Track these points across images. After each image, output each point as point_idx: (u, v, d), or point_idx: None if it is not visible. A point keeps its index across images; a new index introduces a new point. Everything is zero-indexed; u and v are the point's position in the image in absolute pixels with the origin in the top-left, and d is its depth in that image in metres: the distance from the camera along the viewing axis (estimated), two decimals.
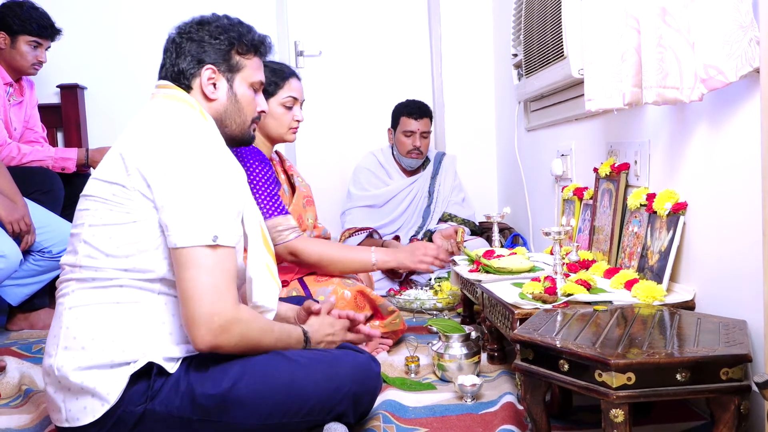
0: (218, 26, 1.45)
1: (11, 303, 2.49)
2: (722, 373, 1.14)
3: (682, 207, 1.58)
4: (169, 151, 1.28)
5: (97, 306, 1.27)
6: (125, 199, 1.28)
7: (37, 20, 2.70)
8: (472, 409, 1.55)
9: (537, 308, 1.55)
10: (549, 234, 1.65)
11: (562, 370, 1.21)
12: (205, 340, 1.22)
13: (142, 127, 1.35)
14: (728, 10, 1.26)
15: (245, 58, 1.48)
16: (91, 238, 1.29)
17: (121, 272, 1.27)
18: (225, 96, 1.46)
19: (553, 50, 2.23)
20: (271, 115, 2.05)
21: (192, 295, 1.22)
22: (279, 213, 1.96)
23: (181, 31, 1.46)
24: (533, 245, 2.85)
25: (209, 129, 1.38)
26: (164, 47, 1.47)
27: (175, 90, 1.43)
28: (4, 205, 2.31)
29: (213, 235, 1.24)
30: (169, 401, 1.25)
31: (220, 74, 1.45)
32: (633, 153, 1.87)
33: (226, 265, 1.26)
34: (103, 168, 1.34)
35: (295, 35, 3.63)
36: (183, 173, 1.26)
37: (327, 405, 1.32)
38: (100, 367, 1.24)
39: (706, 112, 1.50)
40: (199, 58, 1.43)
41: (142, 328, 1.27)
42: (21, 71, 2.76)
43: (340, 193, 3.38)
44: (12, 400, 1.73)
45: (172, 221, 1.24)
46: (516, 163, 2.99)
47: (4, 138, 2.66)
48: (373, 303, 2.04)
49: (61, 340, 1.27)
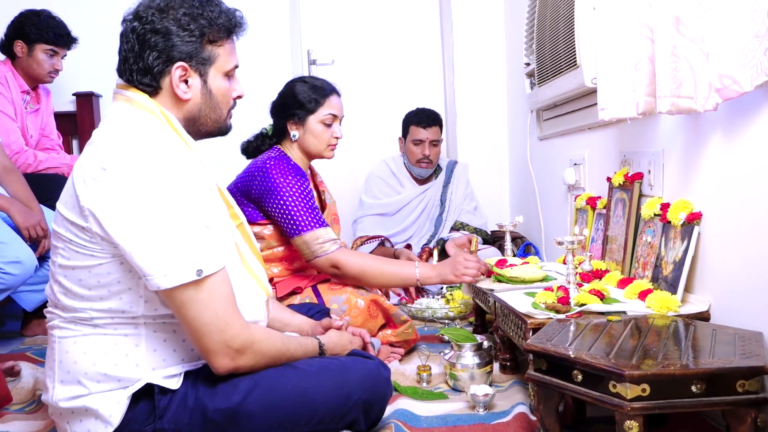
0: (186, 13, 1.27)
1: (26, 308, 2.51)
2: (738, 386, 1.12)
3: (697, 217, 1.57)
4: (120, 187, 1.16)
5: (85, 339, 1.24)
6: (87, 241, 1.19)
7: (54, 29, 2.74)
8: (485, 419, 1.54)
9: (550, 318, 1.54)
10: (562, 243, 1.65)
11: (576, 381, 1.20)
12: (225, 366, 1.22)
13: (93, 152, 1.22)
14: (743, 19, 1.25)
15: (218, 46, 1.32)
16: (63, 279, 1.24)
17: (100, 313, 1.23)
18: (199, 94, 1.32)
19: (566, 59, 2.23)
20: (311, 132, 2.05)
21: (201, 332, 1.19)
22: (319, 225, 1.96)
23: (141, 18, 1.26)
24: (545, 254, 2.84)
25: (169, 140, 1.25)
26: (122, 34, 1.29)
27: (132, 92, 1.29)
28: (21, 211, 2.33)
29: (196, 269, 1.16)
30: (177, 418, 1.23)
31: (192, 70, 1.29)
32: (647, 162, 1.86)
33: (222, 291, 1.20)
34: (63, 200, 1.24)
35: (309, 44, 3.65)
36: (143, 211, 1.15)
37: (338, 413, 1.32)
38: (98, 392, 1.23)
39: (721, 121, 1.49)
40: (168, 55, 1.26)
41: (134, 357, 1.24)
42: (38, 79, 2.79)
43: (352, 201, 3.38)
44: (26, 405, 1.73)
45: (145, 265, 1.15)
46: (528, 172, 2.98)
47: (21, 145, 2.69)
48: (387, 312, 2.04)
49: (56, 374, 1.26)
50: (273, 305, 1.58)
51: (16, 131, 2.69)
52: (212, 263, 1.19)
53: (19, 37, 2.73)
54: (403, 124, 3.18)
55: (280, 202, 1.95)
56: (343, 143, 3.63)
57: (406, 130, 3.16)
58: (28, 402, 1.75)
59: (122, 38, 1.30)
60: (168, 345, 1.26)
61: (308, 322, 1.65)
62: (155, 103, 1.29)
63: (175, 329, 1.27)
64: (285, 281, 2.07)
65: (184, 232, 1.16)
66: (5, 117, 2.65)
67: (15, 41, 2.73)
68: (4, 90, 2.68)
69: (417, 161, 3.11)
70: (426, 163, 3.11)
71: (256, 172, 2.01)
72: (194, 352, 1.28)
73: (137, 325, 1.24)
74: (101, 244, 1.19)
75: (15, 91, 2.73)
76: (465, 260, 2.01)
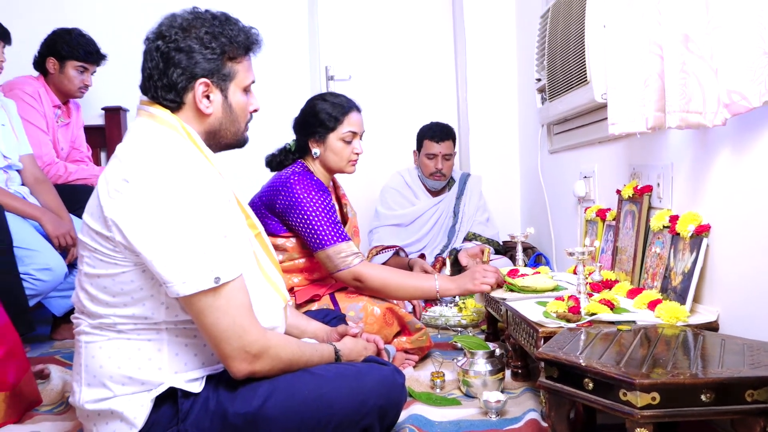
0: (207, 32, 1.29)
1: (56, 313, 2.53)
2: (747, 395, 1.11)
3: (706, 229, 1.55)
4: (142, 198, 1.17)
5: (110, 343, 1.25)
6: (111, 250, 1.21)
7: (84, 46, 2.77)
8: (497, 425, 1.53)
9: (561, 327, 1.52)
10: (573, 254, 1.63)
11: (587, 389, 1.19)
12: (243, 370, 1.23)
13: (116, 166, 1.23)
14: (751, 37, 1.24)
15: (237, 62, 1.34)
16: (89, 287, 1.26)
17: (124, 319, 1.24)
18: (220, 108, 1.34)
19: (577, 75, 2.22)
20: (331, 149, 2.06)
21: (219, 338, 1.20)
22: (342, 240, 1.96)
23: (165, 37, 1.29)
24: (556, 265, 2.82)
25: (189, 154, 1.26)
26: (145, 52, 1.31)
27: (155, 108, 1.30)
28: (52, 220, 2.36)
29: (214, 277, 1.17)
30: (199, 422, 1.24)
31: (214, 86, 1.32)
32: (656, 175, 1.85)
33: (239, 298, 1.21)
34: (88, 211, 1.26)
35: (327, 60, 3.67)
36: (163, 221, 1.16)
37: (354, 418, 1.31)
38: (123, 395, 1.24)
39: (729, 136, 1.47)
40: (191, 71, 1.28)
41: (157, 361, 1.25)
42: (69, 94, 2.83)
43: (368, 211, 3.38)
44: (55, 406, 1.75)
45: (165, 273, 1.16)
46: (539, 185, 2.97)
47: (52, 157, 2.72)
48: (402, 320, 2.03)
49: (83, 377, 1.27)
50: (290, 312, 1.58)
51: (48, 144, 2.72)
52: (229, 271, 1.20)
53: (52, 55, 2.77)
54: (418, 138, 3.19)
55: (303, 217, 1.96)
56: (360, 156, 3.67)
57: (420, 144, 3.16)
58: (57, 403, 1.77)
59: (146, 56, 1.32)
60: (189, 349, 1.27)
61: (323, 329, 1.65)
62: (177, 119, 1.30)
63: (195, 334, 1.27)
64: (304, 289, 2.07)
65: (202, 242, 1.17)
66: (37, 130, 2.69)
67: (48, 58, 2.77)
68: (36, 104, 2.72)
69: (430, 174, 3.11)
70: (439, 176, 3.11)
71: (280, 186, 2.01)
72: (215, 357, 1.28)
73: (159, 330, 1.25)
74: (124, 253, 1.20)
75: (47, 105, 2.77)
76: (483, 270, 2.01)
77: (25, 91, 2.70)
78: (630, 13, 1.60)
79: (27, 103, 2.69)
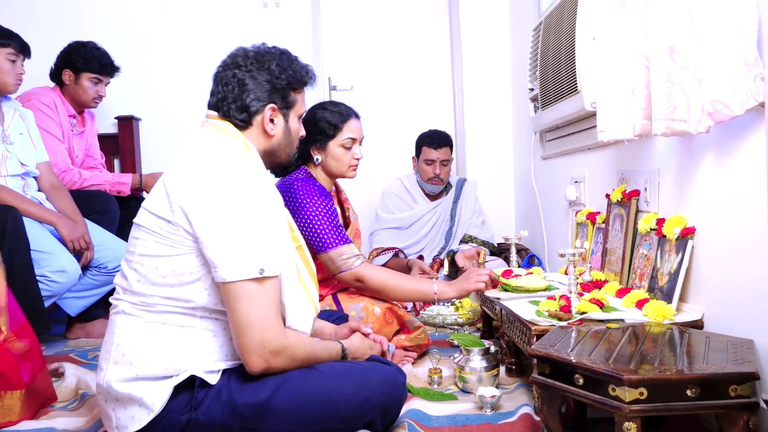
0: (279, 65, 1.42)
1: (70, 313, 2.53)
2: (731, 390, 1.11)
3: (691, 231, 1.55)
4: (209, 189, 1.26)
5: (145, 326, 1.28)
6: (170, 233, 1.27)
7: (99, 59, 2.78)
8: (492, 419, 1.53)
9: (553, 325, 1.52)
10: (564, 255, 1.64)
11: (578, 384, 1.19)
12: (259, 365, 1.25)
13: (187, 161, 1.32)
14: (734, 48, 1.25)
15: (297, 93, 1.48)
16: (140, 267, 1.30)
17: (166, 300, 1.28)
18: (281, 131, 1.46)
19: (567, 85, 2.23)
20: (332, 156, 2.05)
21: (244, 326, 1.23)
22: (343, 242, 1.95)
23: (240, 65, 1.41)
24: (548, 266, 2.82)
25: (252, 161, 1.36)
26: (219, 76, 1.43)
27: (223, 122, 1.41)
28: (67, 224, 2.36)
29: (259, 268, 1.23)
30: (211, 411, 1.25)
31: (279, 112, 1.44)
32: (643, 180, 1.85)
33: (273, 295, 1.26)
34: (151, 199, 1.33)
35: (329, 71, 3.68)
36: (224, 211, 1.24)
37: (357, 414, 1.32)
38: (145, 379, 1.25)
39: (713, 143, 1.48)
40: (263, 98, 1.41)
41: (186, 347, 1.27)
42: (83, 104, 2.84)
43: (368, 215, 3.38)
44: (69, 403, 1.75)
45: (218, 258, 1.23)
46: (532, 189, 2.97)
47: (67, 164, 2.73)
48: (401, 319, 2.03)
49: (112, 355, 1.28)
50: None
51: (63, 152, 2.73)
52: (273, 267, 1.26)
53: (67, 67, 2.77)
54: (416, 145, 3.20)
55: (306, 221, 1.96)
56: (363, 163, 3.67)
57: (419, 150, 3.17)
58: (71, 400, 1.77)
59: (219, 80, 1.42)
60: (216, 341, 1.30)
61: (329, 325, 1.67)
62: (240, 134, 1.41)
63: (225, 327, 1.30)
64: None
65: (255, 236, 1.25)
66: (53, 139, 2.69)
67: (63, 70, 2.78)
68: (53, 114, 2.73)
69: (429, 179, 3.12)
70: (437, 181, 3.12)
71: (283, 192, 2.01)
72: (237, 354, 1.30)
73: (194, 316, 1.28)
74: (183, 237, 1.26)
75: (63, 114, 2.77)
76: (476, 271, 2.02)
77: (42, 102, 2.71)
78: (618, 26, 1.61)
79: (43, 113, 2.69)
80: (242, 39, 3.55)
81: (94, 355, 2.24)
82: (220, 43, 3.46)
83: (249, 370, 1.25)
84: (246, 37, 3.48)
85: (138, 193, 2.86)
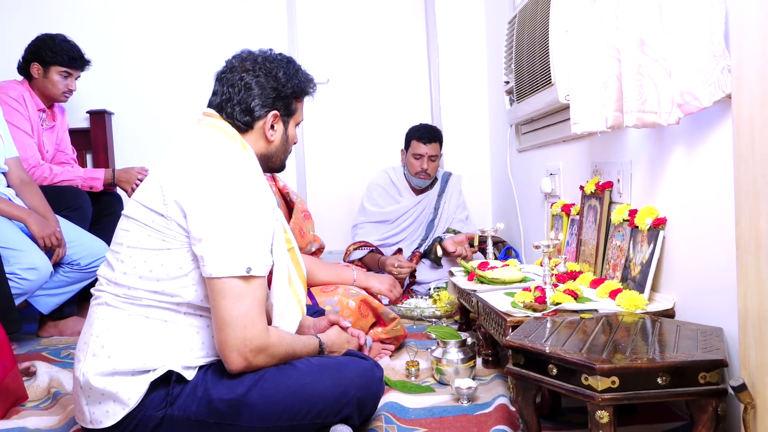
0: (285, 73, 1.44)
1: (42, 311, 2.49)
2: (700, 377, 1.13)
3: (662, 222, 1.58)
4: (205, 184, 1.26)
5: (128, 319, 1.27)
6: (163, 227, 1.27)
7: (68, 52, 2.72)
8: (468, 410, 1.54)
9: (528, 316, 1.54)
10: (539, 247, 1.65)
11: (551, 374, 1.20)
12: (238, 364, 1.24)
13: (183, 156, 1.32)
14: (702, 40, 1.26)
15: (299, 102, 1.50)
16: (128, 259, 1.29)
17: (151, 293, 1.27)
18: (280, 138, 1.47)
19: (542, 78, 2.24)
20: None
21: (227, 323, 1.22)
22: None
23: (248, 69, 1.43)
24: (525, 257, 2.85)
25: (248, 160, 1.36)
26: (224, 77, 1.44)
27: (222, 122, 1.41)
28: (37, 221, 2.32)
29: (246, 267, 1.23)
30: (186, 406, 1.25)
31: (280, 119, 1.46)
32: (616, 172, 1.87)
33: (258, 294, 1.25)
34: (142, 192, 1.32)
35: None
36: (219, 207, 1.24)
37: (334, 409, 1.31)
38: (122, 374, 1.24)
39: (683, 134, 1.50)
40: (267, 104, 1.42)
41: (167, 343, 1.26)
42: (53, 98, 2.78)
43: (348, 209, 3.38)
44: (41, 402, 1.72)
45: (207, 253, 1.22)
46: (508, 182, 2.99)
47: (37, 160, 2.67)
48: (376, 311, 2.03)
49: (90, 347, 1.27)
50: None
51: (33, 146, 2.67)
52: (261, 267, 1.26)
53: (36, 60, 2.71)
54: (406, 138, 3.17)
55: None
56: (339, 156, 3.68)
57: (408, 144, 3.16)
58: (43, 399, 1.74)
59: (225, 81, 1.43)
60: (199, 338, 1.29)
61: (308, 318, 1.67)
62: (239, 135, 1.41)
63: (209, 324, 1.29)
64: None
65: (247, 235, 1.25)
66: (22, 133, 2.63)
67: (32, 63, 2.71)
68: (21, 108, 2.67)
69: (416, 173, 3.11)
70: (424, 176, 3.11)
71: None
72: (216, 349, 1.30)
73: (178, 312, 1.27)
74: (176, 231, 1.26)
75: (32, 109, 2.72)
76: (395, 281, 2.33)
77: (9, 95, 2.65)
78: (590, 19, 1.62)
79: (11, 107, 2.63)
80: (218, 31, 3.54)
81: (67, 354, 2.21)
82: (196, 35, 3.42)
83: (228, 368, 1.24)
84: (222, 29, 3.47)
85: (111, 189, 2.82)
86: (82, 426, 1.30)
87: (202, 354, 1.29)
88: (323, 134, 3.68)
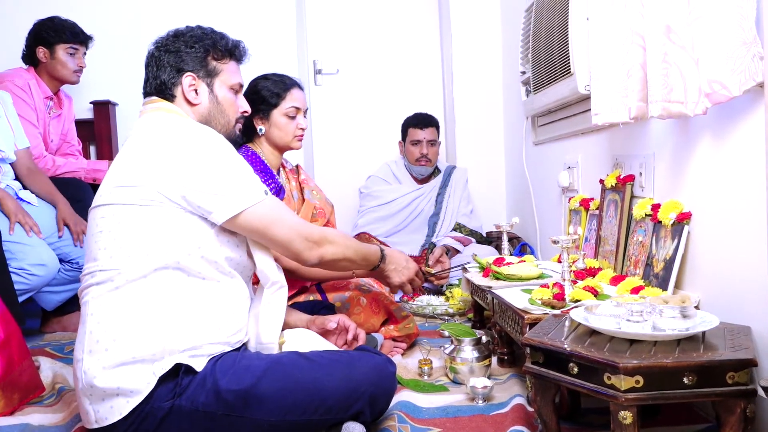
0: (192, 36, 1.48)
1: (46, 308, 2.51)
2: (728, 377, 1.11)
3: (687, 217, 1.56)
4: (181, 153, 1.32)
5: (117, 307, 1.26)
6: (140, 196, 1.29)
7: (70, 28, 2.75)
8: (484, 410, 1.53)
9: (546, 313, 1.53)
10: (557, 242, 1.63)
11: (572, 373, 1.19)
12: (313, 256, 1.44)
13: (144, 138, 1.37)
14: (732, 27, 1.24)
15: (221, 62, 1.51)
16: (112, 241, 1.29)
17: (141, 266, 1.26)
18: (207, 99, 1.49)
19: (560, 67, 2.22)
20: (276, 125, 2.03)
21: (287, 241, 1.39)
22: None
23: (158, 44, 1.49)
24: (540, 254, 2.83)
25: (192, 121, 1.44)
26: (145, 63, 1.50)
27: (160, 102, 1.46)
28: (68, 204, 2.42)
29: (263, 189, 1.36)
30: (195, 397, 1.25)
31: (200, 80, 1.48)
32: (638, 165, 1.85)
33: (285, 207, 1.43)
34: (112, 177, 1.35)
35: (314, 54, 3.64)
36: (201, 164, 1.31)
37: (345, 404, 1.31)
38: (123, 364, 1.23)
39: (710, 125, 1.48)
40: (178, 67, 1.46)
41: (163, 323, 1.25)
42: (64, 80, 2.78)
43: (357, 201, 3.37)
44: (46, 398, 1.73)
45: (221, 195, 1.30)
46: (524, 175, 2.97)
47: (41, 151, 2.69)
48: (388, 308, 2.03)
49: (86, 344, 1.27)
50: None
51: (38, 137, 2.68)
52: (266, 191, 1.38)
53: (40, 43, 2.72)
54: (402, 128, 3.22)
55: None
56: (347, 147, 3.67)
57: (405, 133, 3.20)
58: (47, 395, 1.74)
59: (146, 64, 1.50)
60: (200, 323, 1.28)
61: (302, 320, 1.71)
62: (176, 105, 1.47)
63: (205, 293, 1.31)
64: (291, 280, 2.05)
65: (243, 170, 1.36)
66: (27, 123, 2.64)
67: (36, 48, 2.72)
68: (26, 97, 2.68)
69: (416, 160, 3.14)
70: (425, 162, 3.13)
71: None
72: (221, 334, 1.30)
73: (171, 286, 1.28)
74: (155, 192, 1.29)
75: (38, 97, 2.73)
76: None
77: (15, 84, 2.65)
78: (613, 5, 1.60)
79: (17, 95, 2.63)
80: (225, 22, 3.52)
81: (70, 349, 2.21)
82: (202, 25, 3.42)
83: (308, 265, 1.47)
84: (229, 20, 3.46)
85: None
86: (86, 428, 1.30)
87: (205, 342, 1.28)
88: (333, 126, 3.67)
